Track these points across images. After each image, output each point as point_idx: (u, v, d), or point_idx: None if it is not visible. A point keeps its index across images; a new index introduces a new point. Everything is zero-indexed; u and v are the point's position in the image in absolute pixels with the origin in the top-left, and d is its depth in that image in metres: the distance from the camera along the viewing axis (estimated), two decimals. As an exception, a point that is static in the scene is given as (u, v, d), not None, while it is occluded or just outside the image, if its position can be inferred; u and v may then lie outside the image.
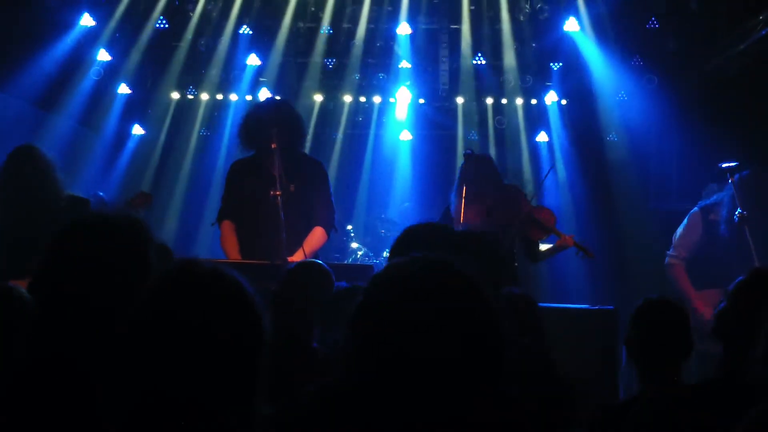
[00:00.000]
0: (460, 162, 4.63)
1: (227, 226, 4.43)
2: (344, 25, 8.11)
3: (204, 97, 8.71)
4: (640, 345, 2.65)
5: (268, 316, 1.43)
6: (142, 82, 8.30)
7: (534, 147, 8.81)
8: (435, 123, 9.04)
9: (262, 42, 8.25)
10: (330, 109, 8.93)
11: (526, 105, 8.73)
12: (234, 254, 4.30)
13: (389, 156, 9.19)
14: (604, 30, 7.90)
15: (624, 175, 8.24)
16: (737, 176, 4.60)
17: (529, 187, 7.78)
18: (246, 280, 1.43)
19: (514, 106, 8.75)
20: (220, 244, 4.45)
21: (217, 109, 8.83)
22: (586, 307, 5.46)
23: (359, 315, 1.25)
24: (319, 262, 3.20)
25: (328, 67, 8.39)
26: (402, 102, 8.78)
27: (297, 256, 4.10)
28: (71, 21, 7.50)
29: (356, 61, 8.32)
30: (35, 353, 1.63)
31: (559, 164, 8.50)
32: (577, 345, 4.27)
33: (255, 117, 4.41)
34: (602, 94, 8.18)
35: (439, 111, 8.95)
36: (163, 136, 8.75)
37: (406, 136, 9.05)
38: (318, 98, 8.72)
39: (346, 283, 2.99)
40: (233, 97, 8.69)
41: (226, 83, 8.48)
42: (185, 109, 8.76)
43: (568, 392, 2.48)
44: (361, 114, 9.06)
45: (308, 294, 2.89)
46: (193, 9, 7.97)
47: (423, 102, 8.83)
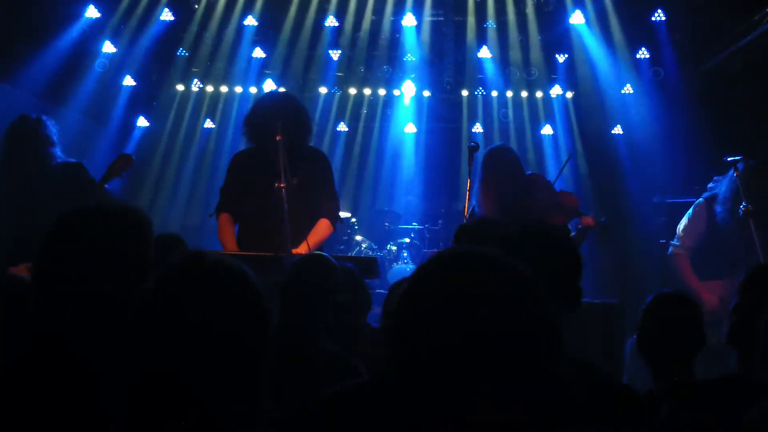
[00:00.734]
0: (465, 155, 4.58)
1: (225, 218, 4.38)
2: (349, 17, 8.10)
3: (209, 89, 8.72)
4: (651, 341, 2.61)
5: (275, 308, 1.43)
6: (147, 74, 8.31)
7: (539, 140, 8.80)
8: (440, 116, 9.02)
9: (267, 34, 8.25)
10: (334, 101, 8.92)
11: (531, 98, 8.71)
12: (231, 246, 4.25)
13: (394, 149, 9.18)
14: (610, 22, 7.88)
15: (629, 168, 8.23)
16: (742, 170, 4.59)
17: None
18: (252, 272, 1.44)
19: (519, 99, 8.74)
20: (217, 235, 4.41)
21: (221, 101, 8.83)
22: (590, 300, 5.47)
23: (404, 306, 1.19)
24: (325, 254, 3.19)
25: (332, 60, 8.38)
26: (407, 95, 8.77)
27: (302, 249, 4.09)
28: (76, 13, 7.50)
29: (361, 53, 8.32)
30: (36, 342, 1.63)
31: (563, 157, 8.48)
32: (581, 338, 4.27)
33: (260, 110, 4.37)
34: (607, 87, 8.16)
35: (444, 104, 8.94)
36: (168, 128, 8.76)
37: (410, 128, 9.04)
38: (323, 90, 8.71)
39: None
40: (238, 89, 8.69)
41: (231, 75, 8.49)
42: (190, 101, 8.76)
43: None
44: (366, 106, 9.05)
45: (314, 287, 2.89)
46: (198, 1, 7.98)
47: (428, 95, 8.81)
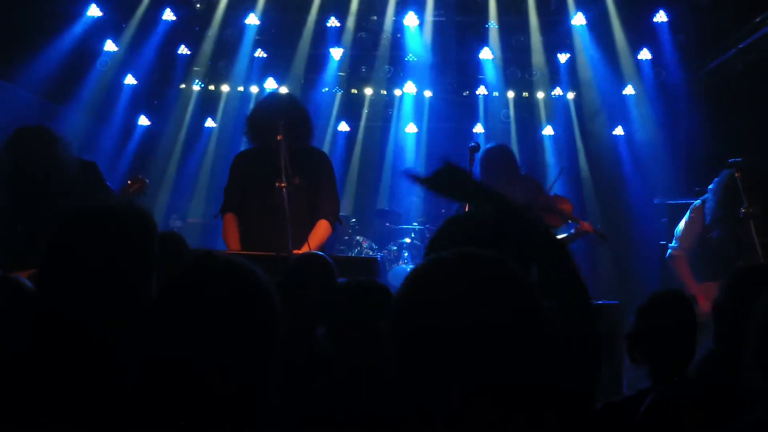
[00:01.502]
0: (466, 155, 4.58)
1: (230, 218, 4.41)
2: (351, 17, 8.10)
3: (210, 88, 8.72)
4: (645, 342, 2.58)
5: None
6: (148, 73, 8.31)
7: (540, 140, 8.80)
8: (441, 116, 9.03)
9: (269, 34, 8.26)
10: (336, 101, 8.92)
11: (533, 98, 8.71)
12: (234, 245, 4.28)
13: (395, 149, 9.19)
14: (612, 23, 7.88)
15: (630, 169, 8.23)
16: (743, 172, 4.58)
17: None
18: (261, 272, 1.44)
19: (521, 100, 8.74)
20: (222, 235, 4.44)
21: (223, 100, 8.84)
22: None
23: (398, 316, 1.18)
24: (321, 254, 3.21)
25: (334, 59, 8.38)
26: (409, 94, 8.79)
27: (303, 251, 4.10)
28: (78, 12, 7.52)
29: (363, 53, 8.32)
30: (37, 345, 1.64)
31: (564, 158, 8.49)
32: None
33: (261, 110, 4.40)
34: (609, 87, 8.16)
35: (446, 104, 8.94)
36: (169, 128, 8.76)
37: (411, 128, 9.04)
38: (324, 90, 8.71)
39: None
40: (240, 89, 8.70)
41: (233, 74, 8.49)
42: (191, 100, 8.77)
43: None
44: (369, 106, 9.05)
45: (310, 286, 2.90)
46: (200, 0, 7.99)
47: (429, 95, 8.82)
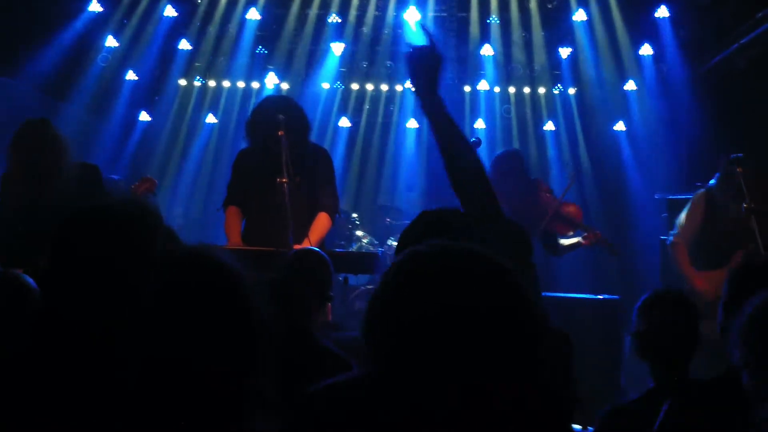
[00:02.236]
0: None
1: (232, 211, 4.46)
2: (352, 12, 8.09)
3: (211, 83, 8.72)
4: (646, 341, 2.58)
5: (269, 303, 1.43)
6: (149, 68, 8.31)
7: (541, 136, 8.79)
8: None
9: (270, 29, 8.25)
10: (337, 96, 8.92)
11: (534, 94, 8.70)
12: (236, 239, 4.32)
13: (396, 144, 9.18)
14: (613, 19, 7.86)
15: (631, 164, 8.22)
16: (744, 167, 4.58)
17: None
18: (241, 267, 1.43)
19: (522, 95, 8.73)
20: (223, 229, 4.48)
21: (223, 95, 8.83)
22: (591, 296, 5.48)
23: (380, 308, 1.16)
24: (317, 250, 3.22)
25: (335, 55, 8.37)
26: (410, 90, 8.78)
27: (303, 245, 4.11)
28: (79, 7, 7.51)
29: (364, 48, 8.31)
30: (39, 342, 1.64)
31: (566, 154, 8.48)
32: (581, 334, 4.27)
33: (261, 109, 4.45)
34: (610, 83, 8.15)
35: (447, 99, 8.90)
36: (170, 123, 8.76)
37: (412, 124, 9.04)
38: (325, 86, 8.71)
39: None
40: (240, 84, 8.70)
41: (233, 70, 8.48)
42: (192, 95, 8.77)
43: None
44: (368, 102, 9.04)
45: (306, 282, 2.90)
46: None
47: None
